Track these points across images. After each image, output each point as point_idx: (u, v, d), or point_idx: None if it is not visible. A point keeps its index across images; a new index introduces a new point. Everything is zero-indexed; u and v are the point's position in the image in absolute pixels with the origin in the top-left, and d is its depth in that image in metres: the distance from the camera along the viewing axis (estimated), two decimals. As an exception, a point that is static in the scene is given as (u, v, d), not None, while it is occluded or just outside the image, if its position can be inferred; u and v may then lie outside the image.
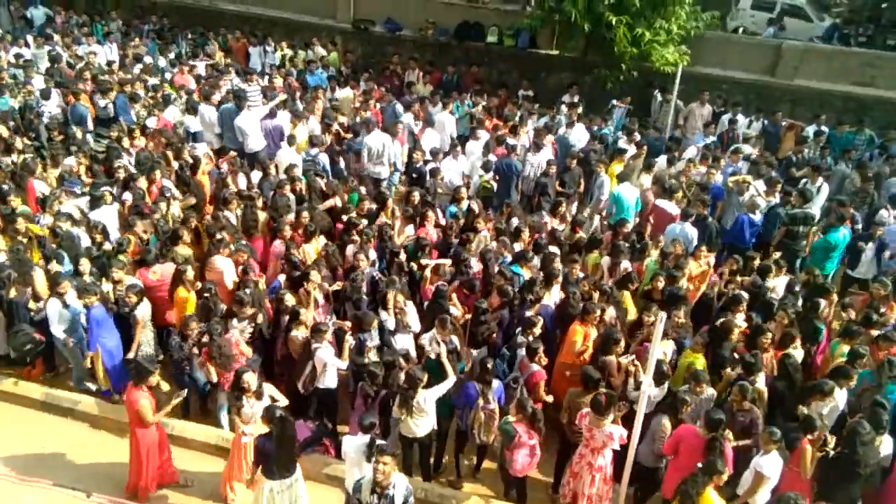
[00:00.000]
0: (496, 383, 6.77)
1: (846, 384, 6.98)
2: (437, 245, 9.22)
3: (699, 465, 5.69)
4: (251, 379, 6.41)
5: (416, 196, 10.06)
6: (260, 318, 7.77)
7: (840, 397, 6.94)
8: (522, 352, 7.28)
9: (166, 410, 6.58)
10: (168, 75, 15.03)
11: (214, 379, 7.31)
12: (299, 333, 7.40)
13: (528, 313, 7.68)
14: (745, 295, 8.15)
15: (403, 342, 7.69)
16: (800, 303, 8.43)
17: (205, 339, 7.27)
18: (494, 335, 7.71)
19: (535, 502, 7.05)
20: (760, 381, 7.03)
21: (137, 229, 8.95)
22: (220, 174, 10.71)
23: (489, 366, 6.64)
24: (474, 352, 7.77)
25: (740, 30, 18.52)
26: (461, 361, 7.45)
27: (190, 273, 8.08)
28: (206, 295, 7.78)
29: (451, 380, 6.82)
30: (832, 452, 6.24)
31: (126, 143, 11.31)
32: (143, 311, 7.87)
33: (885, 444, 6.54)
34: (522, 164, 11.59)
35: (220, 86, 13.51)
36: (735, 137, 13.67)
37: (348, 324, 7.70)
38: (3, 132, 11.28)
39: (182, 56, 16.35)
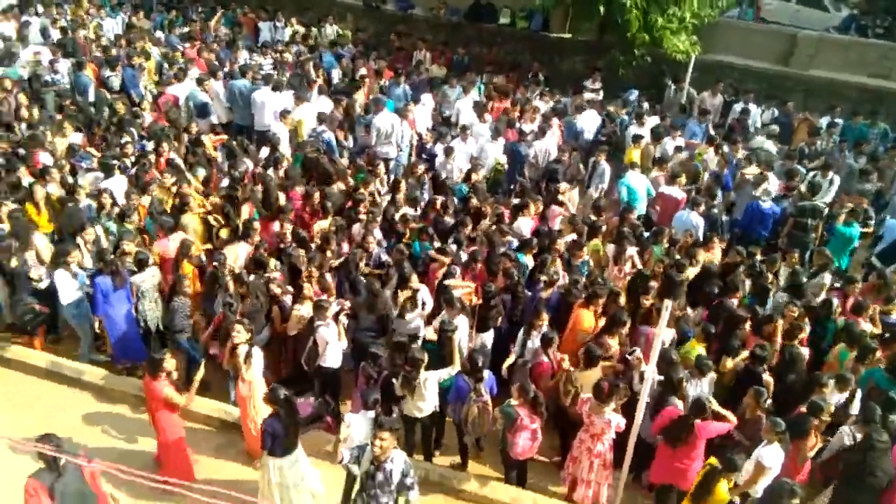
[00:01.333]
0: (487, 374, 6.71)
1: (845, 389, 6.92)
2: (436, 225, 9.19)
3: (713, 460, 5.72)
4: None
5: (420, 169, 10.10)
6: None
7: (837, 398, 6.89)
8: (535, 343, 7.24)
9: (195, 388, 6.50)
10: (180, 48, 14.93)
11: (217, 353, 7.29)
12: (303, 309, 7.39)
13: (543, 294, 7.71)
14: (743, 280, 8.09)
15: (414, 322, 7.66)
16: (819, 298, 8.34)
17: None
18: (500, 318, 7.70)
19: (534, 486, 7.05)
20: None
21: (141, 201, 8.95)
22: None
23: (478, 360, 6.57)
24: (482, 335, 7.76)
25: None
26: None
27: (194, 248, 8.08)
28: (214, 264, 7.79)
29: (456, 367, 6.78)
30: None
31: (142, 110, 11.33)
32: (144, 279, 7.84)
33: None
34: (529, 148, 11.49)
35: (231, 60, 13.39)
36: (746, 127, 13.48)
37: (347, 304, 7.63)
38: (22, 100, 11.29)
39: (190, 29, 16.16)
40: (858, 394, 7.00)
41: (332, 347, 7.18)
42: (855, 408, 6.92)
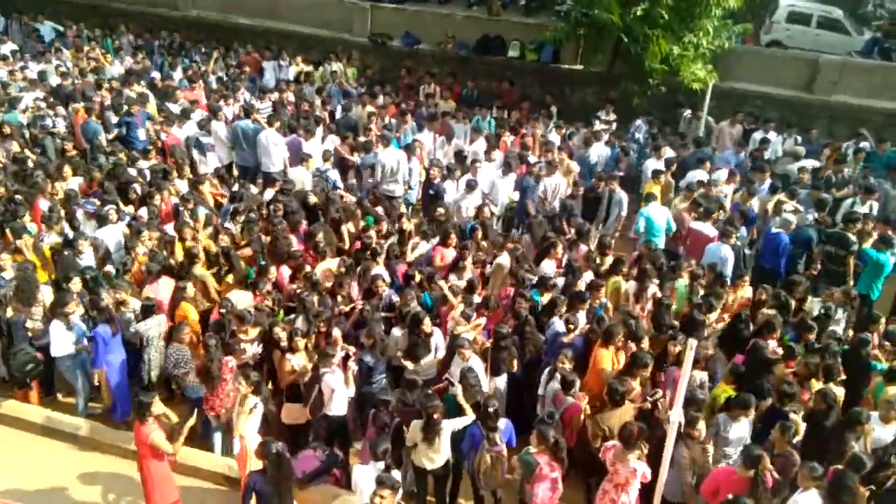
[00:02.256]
0: (504, 423, 6.45)
1: (860, 431, 6.46)
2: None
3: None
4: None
5: (441, 211, 9.88)
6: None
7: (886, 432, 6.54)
8: (556, 385, 6.95)
9: (183, 437, 6.27)
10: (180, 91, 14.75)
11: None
12: (294, 360, 7.18)
13: (564, 340, 7.47)
14: (779, 319, 7.69)
15: (427, 367, 7.53)
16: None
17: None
18: (515, 361, 7.43)
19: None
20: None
21: (139, 250, 8.77)
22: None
23: (491, 409, 6.28)
24: (496, 379, 7.46)
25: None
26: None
27: (190, 290, 7.92)
28: (222, 311, 7.68)
29: (470, 417, 6.51)
30: None
31: (141, 163, 11.19)
32: (150, 327, 7.68)
33: None
34: (538, 183, 11.12)
35: (231, 101, 13.21)
36: (764, 157, 12.98)
37: (352, 349, 7.45)
38: (14, 147, 11.27)
39: (189, 70, 16.05)
40: None
41: (339, 395, 7.01)
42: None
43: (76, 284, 7.96)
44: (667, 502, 6.22)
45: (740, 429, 6.49)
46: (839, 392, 6.98)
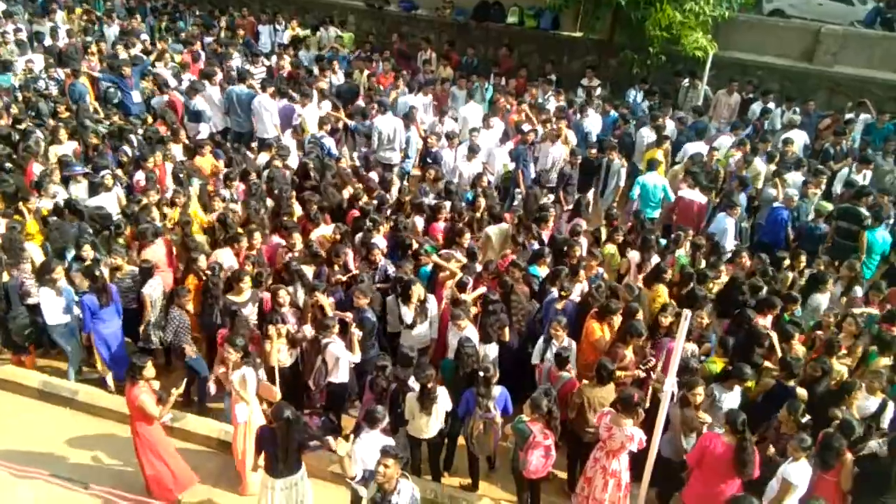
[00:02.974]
0: (498, 390, 6.44)
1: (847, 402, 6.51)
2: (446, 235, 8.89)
3: None
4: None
5: (432, 173, 9.85)
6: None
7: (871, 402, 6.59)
8: (550, 356, 6.97)
9: (170, 404, 6.25)
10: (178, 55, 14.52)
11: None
12: (277, 343, 7.02)
13: (557, 306, 7.42)
14: (779, 301, 7.63)
15: (422, 334, 7.53)
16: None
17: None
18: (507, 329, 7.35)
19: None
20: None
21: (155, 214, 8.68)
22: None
23: (485, 374, 6.30)
24: (486, 347, 7.35)
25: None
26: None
27: (202, 261, 7.80)
28: (209, 274, 7.57)
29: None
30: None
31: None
32: (154, 287, 7.66)
33: None
34: (535, 152, 11.03)
35: (224, 66, 13.02)
36: (765, 128, 12.90)
37: (349, 315, 7.33)
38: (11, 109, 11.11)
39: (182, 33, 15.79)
40: (891, 405, 6.61)
41: (343, 362, 6.98)
42: (887, 418, 6.58)
43: (87, 252, 7.87)
44: (661, 458, 6.27)
45: (732, 398, 6.54)
46: (843, 370, 7.01)
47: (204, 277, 7.62)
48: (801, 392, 6.55)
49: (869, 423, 6.37)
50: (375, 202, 9.34)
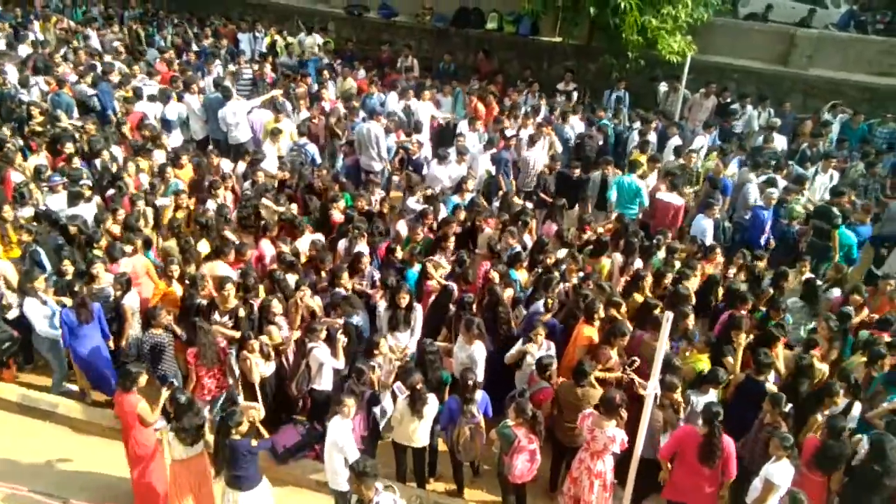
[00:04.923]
0: (480, 394, 6.43)
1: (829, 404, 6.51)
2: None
3: None
4: None
5: (416, 178, 9.93)
6: (241, 313, 7.34)
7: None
8: (530, 360, 6.95)
9: (159, 409, 6.19)
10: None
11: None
12: (252, 358, 6.86)
13: (543, 318, 7.35)
14: (750, 296, 7.73)
15: (402, 340, 7.41)
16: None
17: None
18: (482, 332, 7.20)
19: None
20: (770, 382, 6.72)
21: (109, 225, 8.62)
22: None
23: (469, 380, 6.27)
24: (472, 351, 7.17)
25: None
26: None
27: (175, 268, 7.81)
28: (188, 285, 7.57)
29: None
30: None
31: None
32: (132, 300, 7.57)
33: None
34: (518, 157, 11.02)
35: (208, 71, 12.92)
36: (733, 130, 13.07)
37: (339, 321, 7.30)
38: None
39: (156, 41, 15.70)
40: (857, 405, 6.62)
41: (326, 369, 6.94)
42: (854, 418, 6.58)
43: (67, 267, 7.75)
44: (641, 460, 6.22)
45: (707, 398, 6.53)
46: (824, 368, 7.06)
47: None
48: (772, 388, 6.57)
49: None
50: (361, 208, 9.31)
